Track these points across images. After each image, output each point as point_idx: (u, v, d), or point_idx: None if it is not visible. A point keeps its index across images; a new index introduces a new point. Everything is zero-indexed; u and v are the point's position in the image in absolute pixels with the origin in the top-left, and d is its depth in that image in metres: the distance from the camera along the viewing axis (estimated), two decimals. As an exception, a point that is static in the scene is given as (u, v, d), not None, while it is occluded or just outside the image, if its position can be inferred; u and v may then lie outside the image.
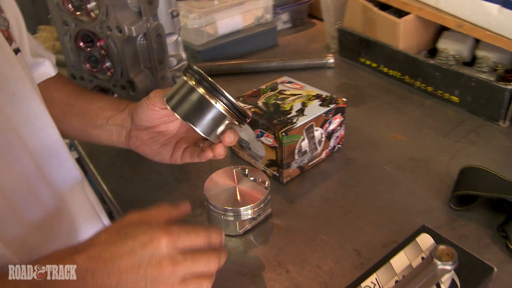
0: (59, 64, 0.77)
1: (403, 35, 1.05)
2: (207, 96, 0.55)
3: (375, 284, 0.57)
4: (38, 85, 0.71)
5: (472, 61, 1.03)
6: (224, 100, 0.55)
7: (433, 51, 1.10)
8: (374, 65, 1.15)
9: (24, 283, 0.42)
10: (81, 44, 0.85)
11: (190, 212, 0.55)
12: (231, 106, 0.56)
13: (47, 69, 0.73)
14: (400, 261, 0.60)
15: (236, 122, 0.58)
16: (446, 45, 1.06)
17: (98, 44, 0.83)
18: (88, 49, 0.85)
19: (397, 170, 0.81)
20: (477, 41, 1.02)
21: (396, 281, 0.57)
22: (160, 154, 0.67)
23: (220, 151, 0.61)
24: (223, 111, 0.56)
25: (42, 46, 0.77)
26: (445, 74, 0.98)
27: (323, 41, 1.37)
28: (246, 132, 0.82)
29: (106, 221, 0.73)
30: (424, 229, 0.64)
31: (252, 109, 0.81)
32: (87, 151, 0.94)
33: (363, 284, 0.57)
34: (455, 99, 0.98)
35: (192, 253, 0.47)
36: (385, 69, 1.12)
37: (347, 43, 1.20)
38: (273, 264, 0.65)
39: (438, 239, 0.62)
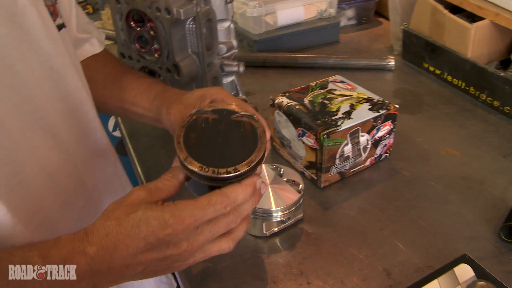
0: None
1: (474, 43, 0.97)
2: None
3: (400, 312, 0.52)
4: (80, 62, 0.71)
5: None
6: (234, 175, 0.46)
7: (506, 62, 1.01)
8: (437, 72, 1.07)
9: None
10: (132, 23, 0.84)
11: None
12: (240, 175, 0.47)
13: (91, 46, 0.73)
14: (432, 291, 0.55)
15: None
16: (521, 58, 0.96)
17: (148, 24, 0.82)
18: (138, 29, 0.84)
19: (446, 188, 0.75)
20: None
21: (424, 313, 0.52)
22: None
23: None
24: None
25: (93, 24, 0.77)
26: (515, 89, 0.89)
27: (387, 41, 1.30)
28: (288, 130, 0.78)
29: None
30: (465, 259, 0.58)
31: (297, 107, 0.77)
32: (129, 131, 0.94)
33: (386, 311, 0.52)
34: (523, 117, 0.89)
35: (209, 224, 0.44)
36: (449, 78, 1.04)
37: (412, 46, 1.13)
38: (295, 273, 0.61)
39: (479, 272, 0.56)
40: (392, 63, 1.12)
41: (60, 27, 0.58)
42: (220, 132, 0.50)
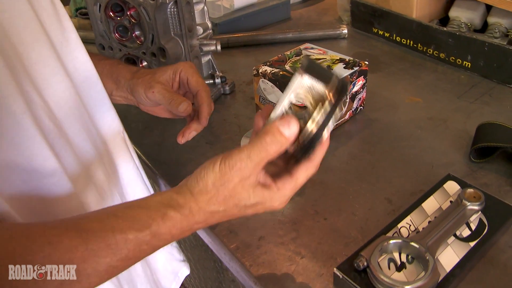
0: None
1: (418, 4, 1.09)
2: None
3: (410, 225, 0.62)
4: None
5: (482, 29, 1.08)
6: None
7: (444, 20, 1.15)
8: (386, 34, 1.19)
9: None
10: (111, 13, 0.88)
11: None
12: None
13: None
14: (431, 205, 0.65)
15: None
16: (458, 13, 1.10)
17: (128, 13, 0.86)
18: (118, 18, 0.88)
19: (417, 129, 0.86)
20: (488, 8, 1.06)
21: (429, 222, 0.62)
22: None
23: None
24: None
25: None
26: (458, 40, 1.02)
27: (334, 14, 1.40)
28: (275, 95, 0.86)
29: (144, 177, 0.76)
30: (450, 177, 0.69)
31: (281, 73, 0.85)
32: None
33: (399, 225, 0.62)
34: (467, 64, 1.03)
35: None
36: (398, 38, 1.16)
37: (360, 15, 1.24)
38: (311, 213, 0.69)
39: (463, 185, 0.68)
40: (345, 31, 1.23)
41: None
42: None
